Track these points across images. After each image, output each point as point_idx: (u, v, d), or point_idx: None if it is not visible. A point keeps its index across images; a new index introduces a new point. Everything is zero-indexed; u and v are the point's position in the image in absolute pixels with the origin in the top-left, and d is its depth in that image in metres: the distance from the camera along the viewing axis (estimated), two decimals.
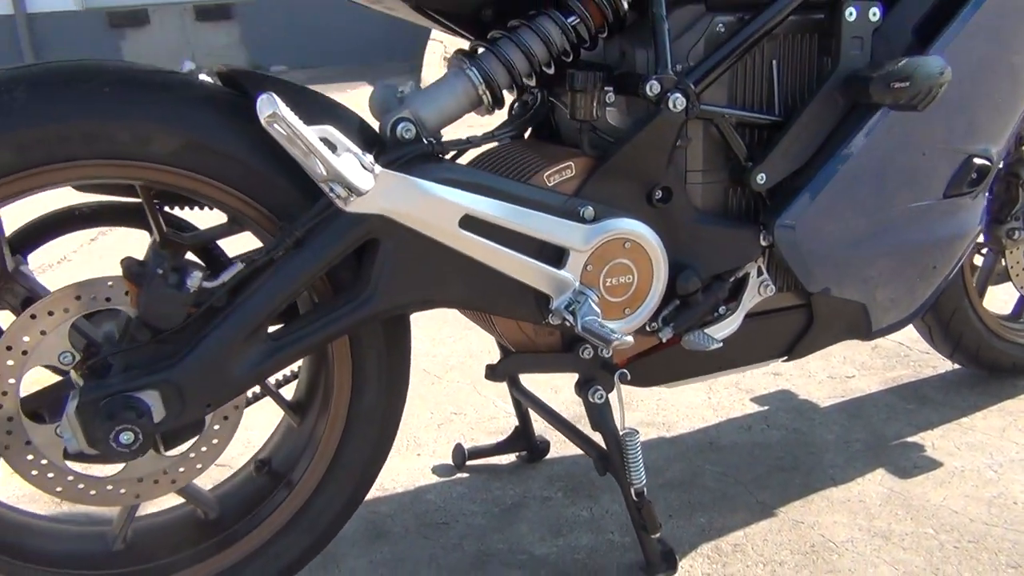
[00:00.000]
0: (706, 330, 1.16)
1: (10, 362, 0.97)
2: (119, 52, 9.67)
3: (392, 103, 1.10)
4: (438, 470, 1.60)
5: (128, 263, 0.98)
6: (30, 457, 1.00)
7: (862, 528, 1.34)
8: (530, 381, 1.58)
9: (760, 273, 1.22)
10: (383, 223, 0.99)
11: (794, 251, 1.19)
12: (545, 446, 1.61)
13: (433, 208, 0.99)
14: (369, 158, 0.93)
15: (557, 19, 1.11)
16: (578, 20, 1.11)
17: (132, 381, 0.96)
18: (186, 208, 1.13)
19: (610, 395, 1.21)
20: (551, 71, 1.12)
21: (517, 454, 1.61)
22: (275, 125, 0.85)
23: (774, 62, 1.18)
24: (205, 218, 1.11)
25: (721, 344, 1.16)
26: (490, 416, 1.79)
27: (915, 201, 1.25)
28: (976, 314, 1.66)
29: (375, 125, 1.08)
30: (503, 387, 1.88)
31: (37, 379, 1.04)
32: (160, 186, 1.01)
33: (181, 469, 1.07)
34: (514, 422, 1.75)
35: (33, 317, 0.97)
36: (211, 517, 1.16)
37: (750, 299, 1.22)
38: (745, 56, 1.15)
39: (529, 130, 1.28)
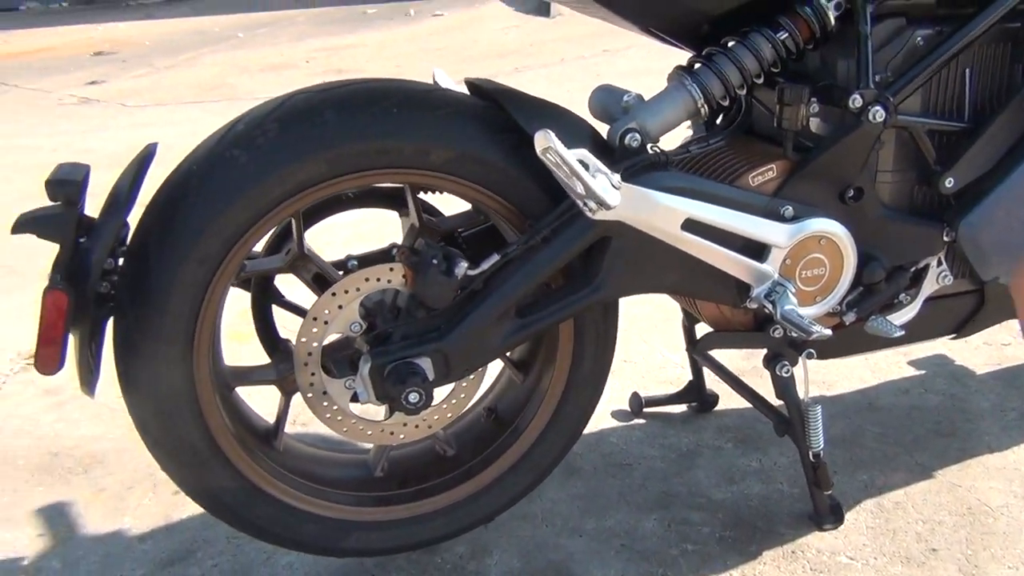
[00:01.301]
0: (888, 316, 1.30)
1: (315, 330, 1.21)
2: None
3: (616, 111, 1.27)
4: (617, 415, 1.80)
5: (405, 252, 1.20)
6: (325, 404, 1.25)
7: (1017, 495, 1.48)
8: None
9: (939, 264, 1.34)
10: (617, 226, 1.16)
11: (976, 247, 1.30)
12: (714, 399, 1.79)
13: (662, 214, 1.16)
14: (616, 177, 1.10)
15: (768, 35, 1.23)
16: (787, 35, 1.23)
17: (411, 349, 1.18)
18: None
19: (795, 369, 1.37)
20: (760, 82, 1.25)
21: (688, 405, 1.80)
22: (548, 155, 1.03)
23: (967, 71, 1.28)
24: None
25: (902, 332, 1.30)
26: (659, 365, 1.98)
27: None
28: None
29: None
30: (668, 338, 2.06)
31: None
32: (429, 188, 1.22)
33: (436, 416, 1.31)
34: (679, 372, 1.94)
35: (333, 295, 1.20)
36: (449, 453, 1.40)
37: (928, 287, 1.35)
38: (942, 67, 1.25)
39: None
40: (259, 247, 1.31)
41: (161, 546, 1.53)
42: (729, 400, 1.81)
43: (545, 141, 1.02)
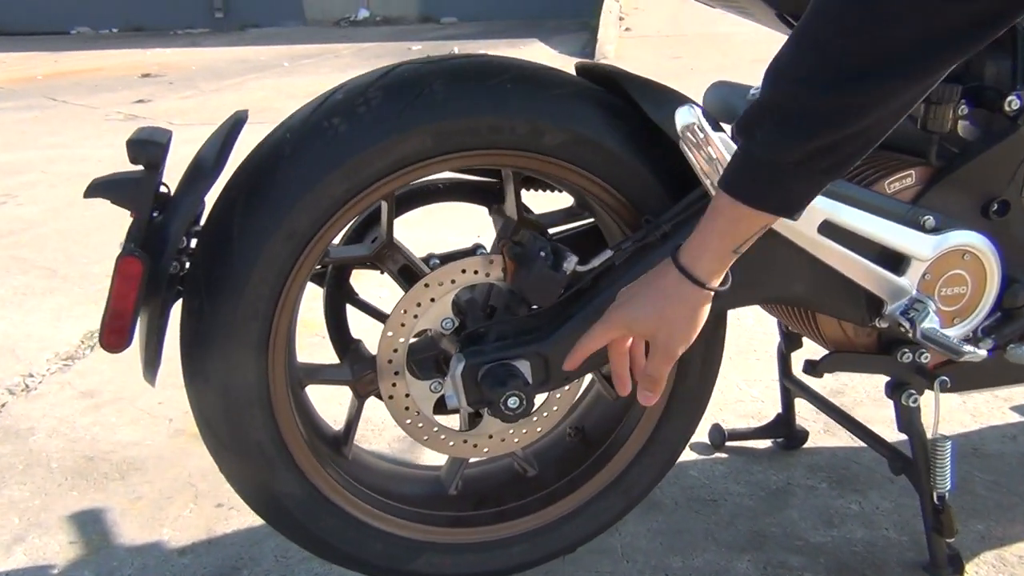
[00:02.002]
0: None
1: (403, 324, 1.09)
2: None
3: (740, 105, 1.16)
4: (696, 447, 1.67)
5: (508, 244, 1.09)
6: (407, 408, 1.13)
7: None
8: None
9: None
10: None
11: None
12: (804, 435, 1.65)
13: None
14: None
15: None
16: None
17: (508, 350, 1.07)
18: (531, 191, 1.23)
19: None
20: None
21: (774, 440, 1.66)
22: (690, 133, 0.92)
23: None
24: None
25: None
26: (736, 399, 1.84)
27: None
28: None
29: None
30: (744, 371, 1.94)
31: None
32: (536, 174, 1.11)
33: (524, 430, 1.18)
34: (757, 406, 1.81)
35: (427, 286, 1.09)
36: (530, 473, 1.28)
37: None
38: None
39: None
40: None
41: (203, 561, 1.41)
42: (819, 438, 1.67)
43: (691, 116, 0.91)
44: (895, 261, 1.12)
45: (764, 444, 1.67)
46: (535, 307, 1.09)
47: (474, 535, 1.22)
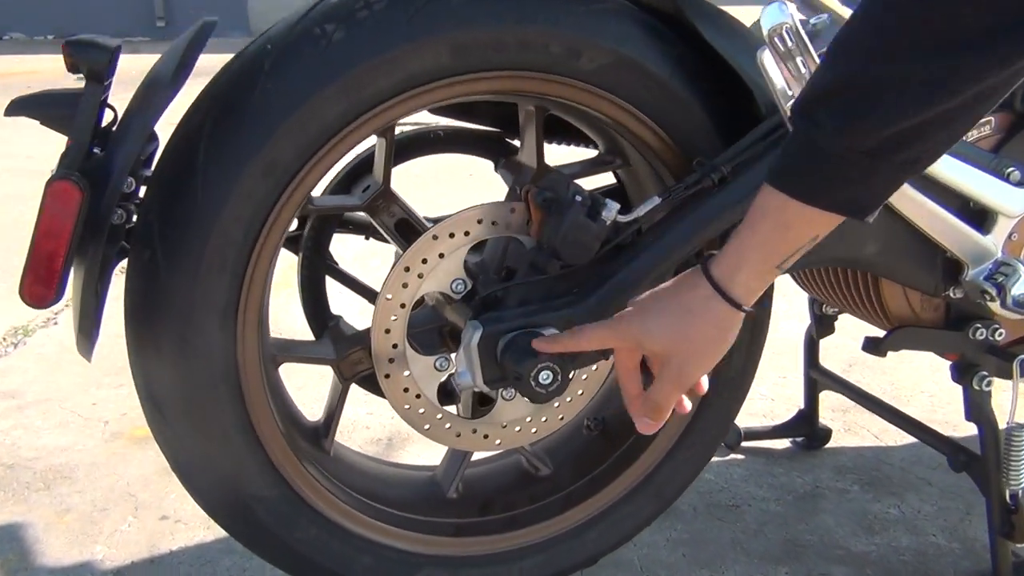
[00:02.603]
0: None
1: (406, 284, 0.90)
2: (244, 8, 9.80)
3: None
4: None
5: (533, 191, 0.90)
6: (406, 388, 0.93)
7: None
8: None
9: None
10: None
11: None
12: (826, 434, 1.49)
13: None
14: None
15: None
16: None
17: (535, 316, 0.88)
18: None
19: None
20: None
21: (793, 440, 1.50)
22: (780, 37, 0.75)
23: None
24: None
25: None
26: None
27: None
28: None
29: None
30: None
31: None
32: (569, 103, 0.92)
33: (544, 419, 0.99)
34: (767, 404, 1.66)
35: (435, 238, 0.89)
36: (542, 473, 1.09)
37: None
38: None
39: None
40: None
41: None
42: (842, 437, 1.52)
43: (783, 16, 0.74)
44: (979, 217, 0.97)
45: (781, 444, 1.50)
46: (565, 265, 0.90)
47: (480, 546, 1.02)
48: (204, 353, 0.83)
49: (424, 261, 0.89)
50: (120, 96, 0.80)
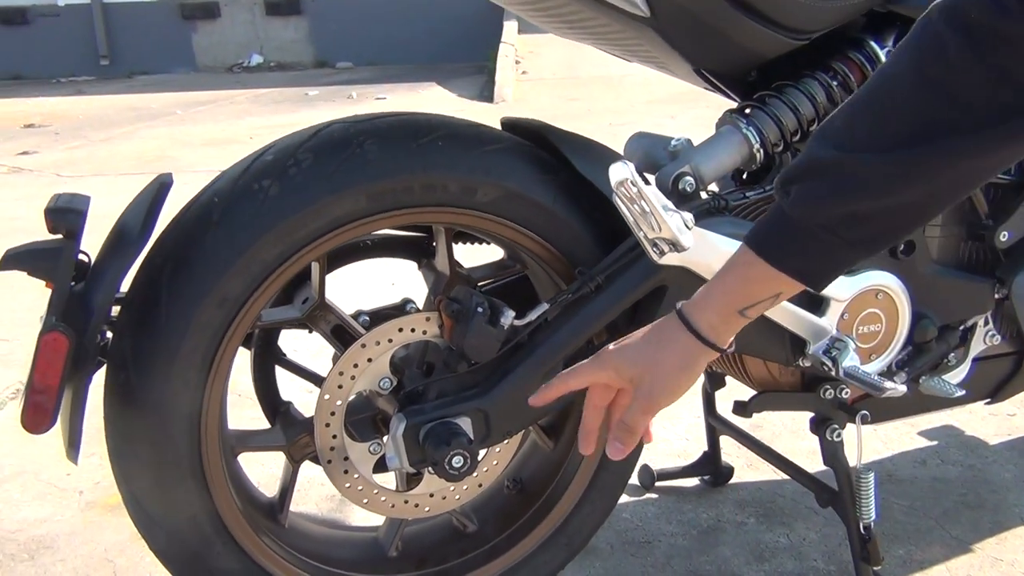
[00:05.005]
0: (943, 376, 1.24)
1: (341, 386, 1.08)
2: (190, 44, 9.94)
3: (661, 156, 1.20)
4: (627, 489, 1.68)
5: (445, 301, 1.08)
6: (346, 471, 1.11)
7: None
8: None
9: (986, 323, 1.29)
10: (678, 273, 1.08)
11: None
12: (729, 471, 1.69)
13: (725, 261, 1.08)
14: (690, 217, 1.02)
15: (822, 79, 1.18)
16: (841, 81, 1.19)
17: (449, 407, 1.06)
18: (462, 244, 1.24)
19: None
20: (815, 129, 1.20)
21: (701, 478, 1.70)
22: (623, 188, 0.94)
23: None
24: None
25: (962, 392, 1.23)
26: (662, 439, 1.87)
27: None
28: None
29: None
30: (670, 410, 1.96)
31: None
32: (470, 230, 1.12)
33: (465, 487, 1.17)
34: (683, 444, 1.84)
35: (363, 346, 1.07)
36: (469, 529, 1.26)
37: (976, 347, 1.29)
38: None
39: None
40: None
41: None
42: (744, 473, 1.72)
43: (624, 172, 0.93)
44: (815, 302, 1.17)
45: (692, 482, 1.70)
46: (473, 363, 1.09)
47: None
48: (173, 458, 1.00)
49: (355, 365, 1.08)
50: (68, 140, 0.95)
